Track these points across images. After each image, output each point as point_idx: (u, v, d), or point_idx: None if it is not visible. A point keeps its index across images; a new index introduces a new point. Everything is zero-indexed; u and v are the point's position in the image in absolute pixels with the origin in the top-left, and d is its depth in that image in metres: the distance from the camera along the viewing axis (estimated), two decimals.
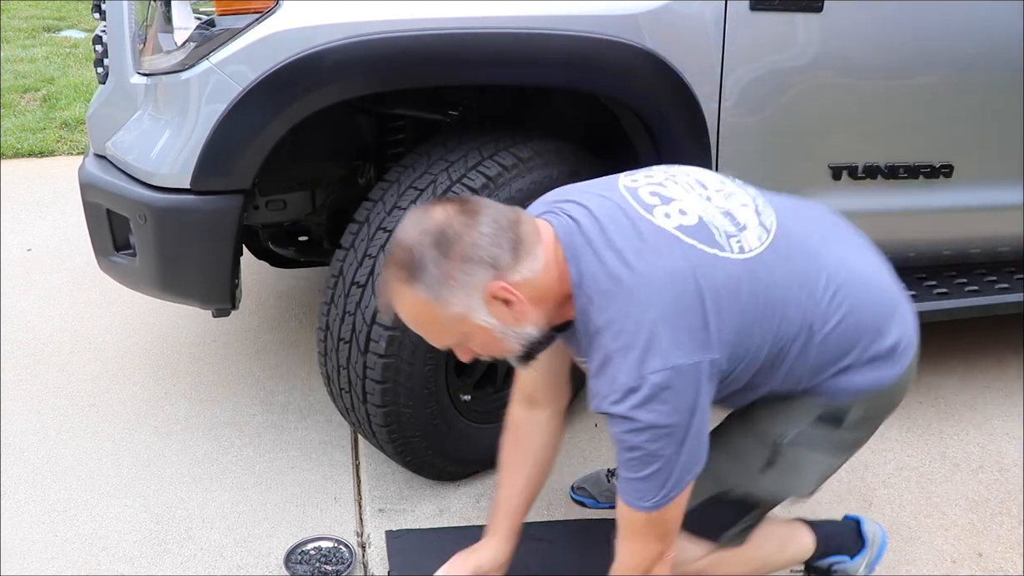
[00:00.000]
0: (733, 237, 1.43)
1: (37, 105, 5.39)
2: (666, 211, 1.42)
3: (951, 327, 2.93)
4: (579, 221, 1.40)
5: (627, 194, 1.45)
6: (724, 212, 1.46)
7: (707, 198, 1.47)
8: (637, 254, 1.36)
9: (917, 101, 2.24)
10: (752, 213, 1.48)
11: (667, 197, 1.45)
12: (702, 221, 1.42)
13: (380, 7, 1.81)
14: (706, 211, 1.44)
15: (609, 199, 1.44)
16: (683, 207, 1.44)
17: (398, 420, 2.02)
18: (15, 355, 2.82)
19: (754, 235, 1.45)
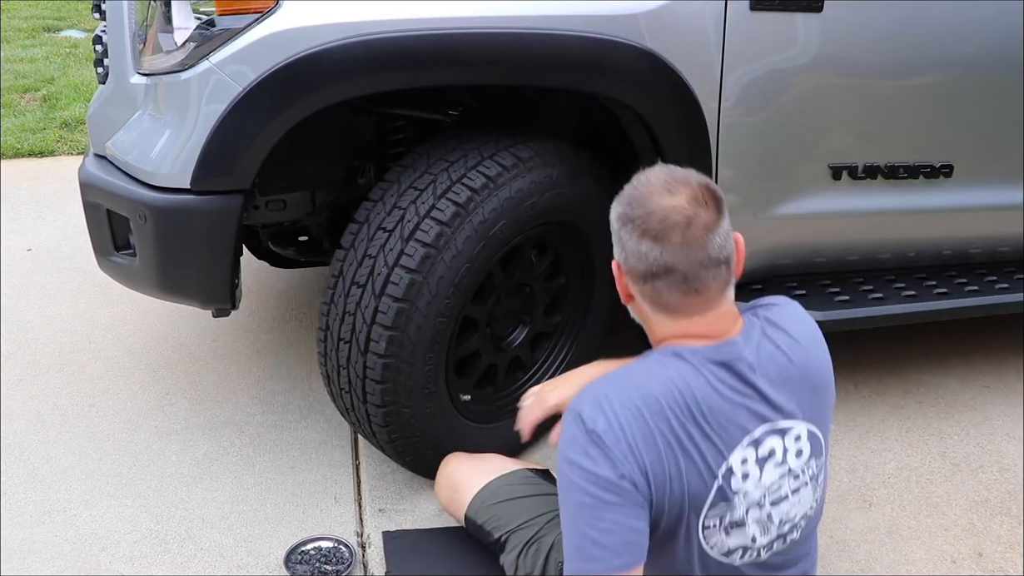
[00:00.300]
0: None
1: (37, 105, 5.39)
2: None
3: (951, 327, 2.94)
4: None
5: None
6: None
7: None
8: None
9: (917, 101, 2.24)
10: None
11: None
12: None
13: (380, 7, 1.81)
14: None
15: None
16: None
17: (398, 420, 2.02)
18: (15, 355, 2.82)
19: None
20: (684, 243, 1.33)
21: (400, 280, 1.90)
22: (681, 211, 1.34)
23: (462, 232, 1.92)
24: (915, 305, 2.41)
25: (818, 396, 1.44)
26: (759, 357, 1.39)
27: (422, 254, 1.90)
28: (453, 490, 1.99)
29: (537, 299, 2.26)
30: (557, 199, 2.06)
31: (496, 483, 1.93)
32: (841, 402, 2.64)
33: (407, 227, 1.93)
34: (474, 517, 1.91)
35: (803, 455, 1.43)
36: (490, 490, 1.92)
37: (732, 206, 2.19)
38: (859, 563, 2.04)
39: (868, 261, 2.50)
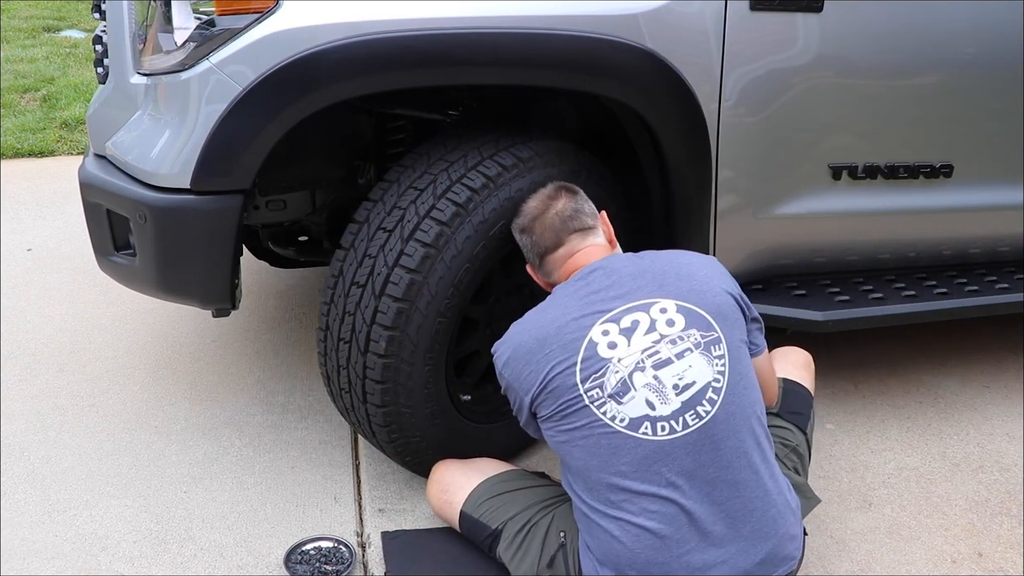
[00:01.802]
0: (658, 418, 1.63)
1: (37, 105, 5.39)
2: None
3: (951, 327, 2.94)
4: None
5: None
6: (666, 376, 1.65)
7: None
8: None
9: (917, 101, 2.24)
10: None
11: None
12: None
13: (380, 7, 1.81)
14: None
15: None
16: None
17: (398, 420, 2.02)
18: (15, 355, 2.82)
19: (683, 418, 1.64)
20: (543, 226, 1.89)
21: (400, 280, 1.90)
22: (537, 207, 1.92)
23: (462, 232, 1.92)
24: (915, 305, 2.41)
25: (684, 280, 1.73)
26: (615, 264, 1.79)
27: (422, 254, 1.90)
28: (444, 491, 2.01)
29: (537, 299, 2.26)
30: None
31: (491, 480, 1.96)
32: (841, 402, 2.64)
33: (407, 227, 1.93)
34: (470, 512, 1.93)
35: (676, 324, 1.68)
36: (485, 486, 1.95)
37: (732, 206, 2.22)
38: (859, 563, 2.04)
39: (868, 261, 2.50)
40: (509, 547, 1.84)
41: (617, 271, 1.77)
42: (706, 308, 1.70)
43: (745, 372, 1.70)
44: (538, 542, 1.80)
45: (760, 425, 1.69)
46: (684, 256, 1.83)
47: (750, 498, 1.62)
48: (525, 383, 1.72)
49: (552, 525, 1.80)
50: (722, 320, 1.70)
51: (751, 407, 1.68)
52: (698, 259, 1.82)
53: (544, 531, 1.81)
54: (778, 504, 1.65)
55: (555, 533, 1.79)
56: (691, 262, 1.80)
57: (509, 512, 1.87)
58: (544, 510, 1.84)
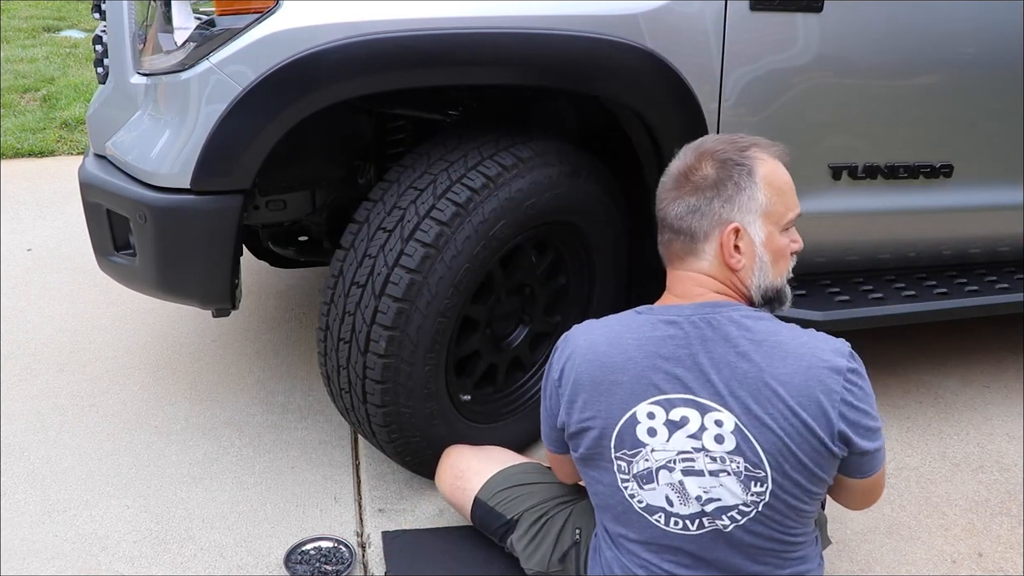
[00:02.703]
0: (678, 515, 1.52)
1: (37, 105, 5.39)
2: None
3: (951, 327, 2.94)
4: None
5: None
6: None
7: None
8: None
9: (917, 101, 2.24)
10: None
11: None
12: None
13: (380, 7, 1.81)
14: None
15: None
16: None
17: (398, 420, 2.02)
18: (15, 355, 2.82)
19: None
20: (660, 199, 1.59)
21: (400, 280, 1.90)
22: (670, 173, 1.59)
23: (462, 232, 1.92)
24: (915, 305, 2.41)
25: (762, 403, 1.44)
26: (700, 335, 1.49)
27: (422, 254, 1.90)
28: (457, 477, 2.00)
29: (537, 299, 2.27)
30: (557, 199, 2.06)
31: (510, 470, 1.95)
32: None
33: (407, 227, 1.93)
34: (485, 500, 1.92)
35: (724, 443, 1.46)
36: (503, 476, 1.94)
37: None
38: (859, 563, 2.04)
39: (868, 261, 2.50)
40: (523, 537, 1.83)
41: (697, 347, 1.49)
42: (767, 446, 1.44)
43: (785, 508, 1.48)
44: (552, 536, 1.80)
45: (790, 546, 1.53)
46: (787, 364, 1.45)
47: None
48: (564, 406, 1.59)
49: (569, 521, 1.80)
50: (778, 465, 1.45)
51: (780, 534, 1.51)
52: (805, 361, 1.45)
53: (560, 526, 1.80)
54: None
55: (571, 529, 1.78)
56: (788, 380, 1.44)
57: (526, 503, 1.87)
58: (561, 505, 1.84)
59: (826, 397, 1.43)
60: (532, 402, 2.32)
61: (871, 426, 1.47)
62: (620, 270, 2.34)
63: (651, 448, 1.50)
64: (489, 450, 2.06)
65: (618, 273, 2.34)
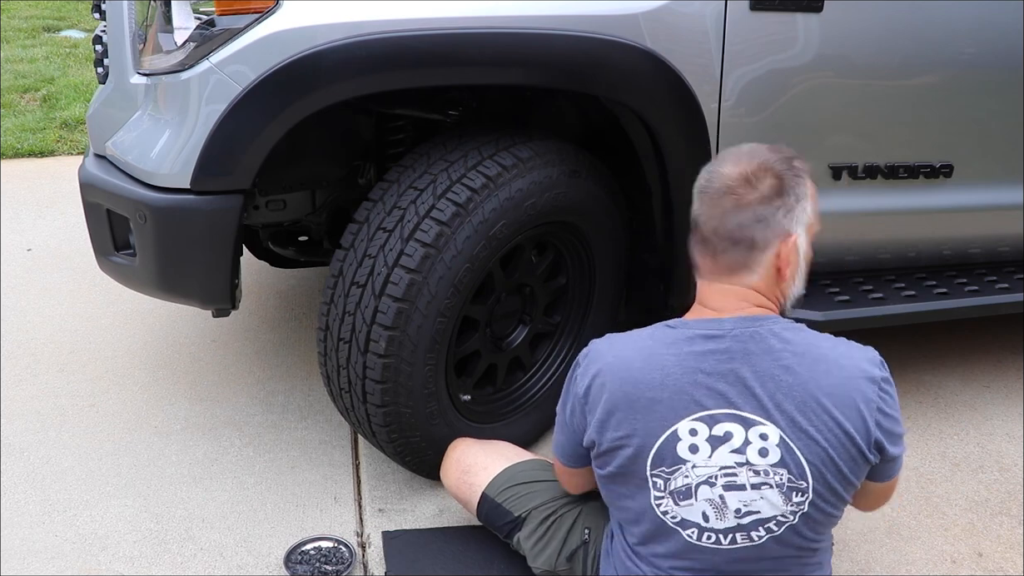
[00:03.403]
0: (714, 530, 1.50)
1: (37, 105, 5.39)
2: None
3: (951, 327, 2.94)
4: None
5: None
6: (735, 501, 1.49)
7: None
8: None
9: (917, 101, 2.24)
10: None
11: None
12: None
13: (380, 7, 1.81)
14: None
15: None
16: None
17: (398, 420, 2.02)
18: (15, 355, 2.82)
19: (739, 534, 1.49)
20: (712, 206, 1.50)
21: (400, 280, 1.90)
22: (725, 180, 1.50)
23: (462, 232, 1.92)
24: (915, 305, 2.41)
25: (806, 415, 1.45)
26: (743, 349, 1.47)
27: (422, 254, 1.90)
28: (465, 472, 1.98)
29: (537, 299, 2.27)
30: (557, 199, 2.06)
31: (518, 466, 1.94)
32: None
33: (407, 227, 1.93)
34: (493, 496, 1.90)
35: (768, 456, 1.46)
36: (512, 472, 1.93)
37: None
38: (859, 563, 2.04)
39: (868, 261, 2.50)
40: (531, 535, 1.82)
41: (742, 357, 1.48)
42: (811, 457, 1.45)
43: (822, 517, 1.51)
44: (561, 535, 1.79)
45: (811, 552, 1.55)
46: (830, 375, 1.47)
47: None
48: (594, 425, 1.55)
49: (578, 520, 1.79)
50: (820, 474, 1.46)
51: (808, 542, 1.53)
52: (846, 372, 1.47)
53: (569, 525, 1.79)
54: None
55: (580, 529, 1.77)
56: (833, 384, 1.46)
57: (535, 501, 1.85)
58: (571, 504, 1.82)
59: (865, 406, 1.46)
60: (532, 402, 2.32)
61: (899, 432, 1.52)
62: (620, 270, 2.34)
63: (692, 464, 1.48)
64: (496, 444, 2.06)
65: (618, 273, 2.34)
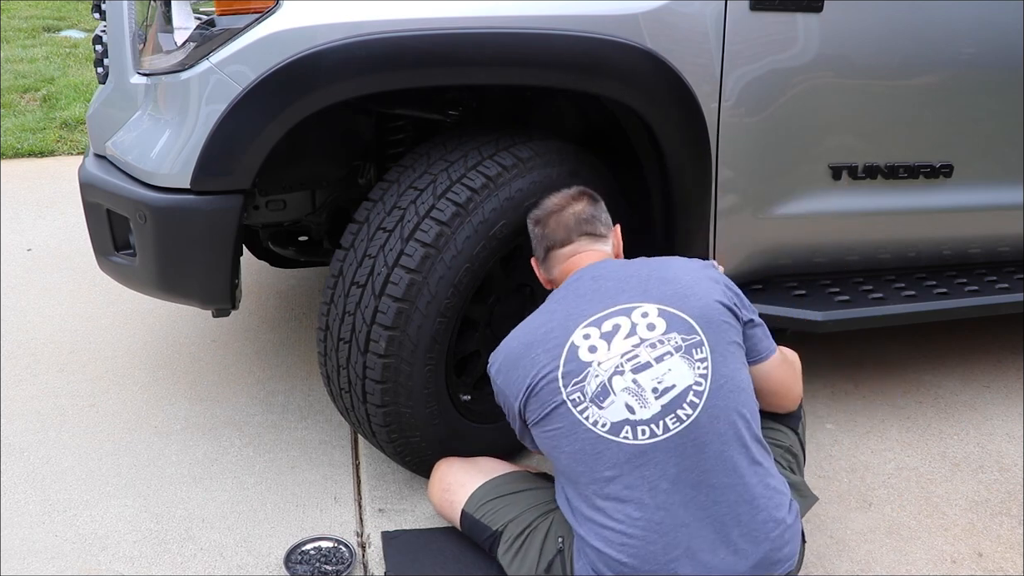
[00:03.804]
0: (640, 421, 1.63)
1: (37, 105, 5.39)
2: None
3: (951, 327, 2.94)
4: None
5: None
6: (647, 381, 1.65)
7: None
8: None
9: (917, 101, 2.24)
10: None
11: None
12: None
13: (380, 7, 1.81)
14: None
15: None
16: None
17: (398, 420, 2.02)
18: (15, 355, 2.82)
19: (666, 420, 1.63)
20: (557, 222, 1.92)
21: (400, 280, 1.90)
22: (556, 204, 1.94)
23: (462, 232, 1.92)
24: (915, 305, 2.41)
25: (668, 285, 1.73)
26: (602, 270, 1.81)
27: (422, 254, 1.90)
28: (445, 491, 2.01)
29: (537, 299, 2.26)
30: None
31: (494, 480, 1.96)
32: (841, 402, 2.64)
33: (407, 227, 1.93)
34: (471, 512, 1.93)
35: (656, 328, 1.68)
36: (488, 487, 1.94)
37: (732, 206, 2.22)
38: (859, 563, 2.04)
39: (868, 261, 2.50)
40: (508, 550, 1.84)
41: (603, 276, 1.79)
42: (688, 312, 1.69)
43: (732, 375, 1.68)
44: (536, 546, 1.80)
45: (747, 428, 1.67)
46: (673, 262, 1.83)
47: (737, 502, 1.61)
48: (513, 388, 1.74)
49: (551, 530, 1.80)
50: (706, 323, 1.68)
51: (737, 410, 1.66)
52: (686, 264, 1.82)
53: (543, 535, 1.80)
54: (769, 507, 1.63)
55: (553, 538, 1.78)
56: (678, 267, 1.80)
57: (510, 514, 1.87)
58: (544, 514, 1.84)
59: (713, 280, 1.77)
60: None
61: (750, 304, 1.82)
62: None
63: (597, 362, 1.66)
64: (476, 461, 2.06)
65: None
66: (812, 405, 2.58)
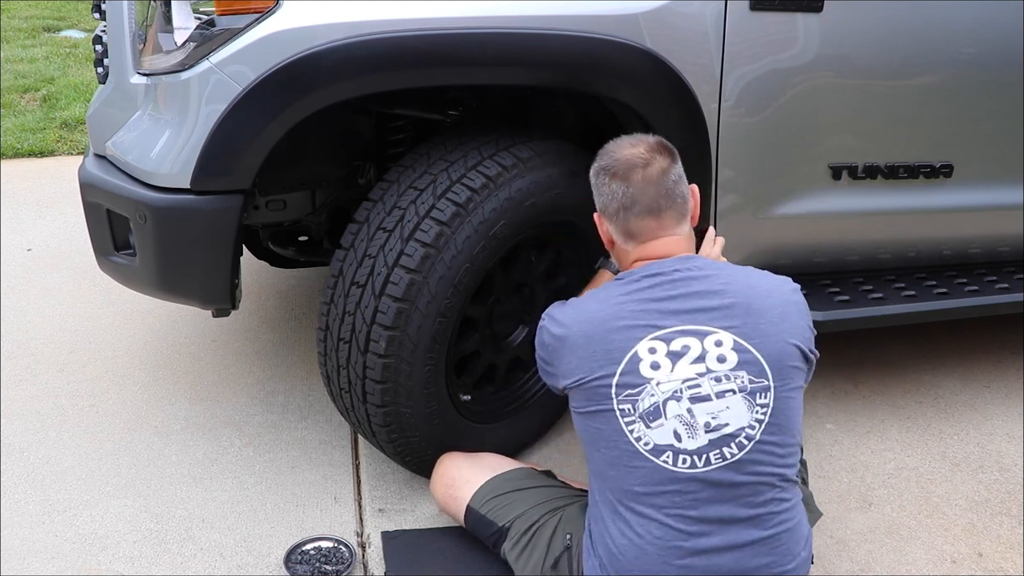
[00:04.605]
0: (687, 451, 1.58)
1: (37, 105, 5.39)
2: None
3: (951, 327, 2.94)
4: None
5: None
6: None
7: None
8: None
9: (917, 101, 2.24)
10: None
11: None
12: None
13: (380, 7, 1.81)
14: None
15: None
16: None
17: (398, 420, 2.02)
18: (15, 355, 2.82)
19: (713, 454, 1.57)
20: (644, 179, 1.71)
21: (400, 280, 1.90)
22: (640, 156, 1.72)
23: (462, 232, 1.92)
24: (915, 305, 2.41)
25: (752, 316, 1.62)
26: (686, 274, 1.67)
27: (422, 254, 1.90)
28: (449, 486, 2.00)
29: (537, 299, 2.26)
30: (557, 199, 2.06)
31: (501, 477, 1.95)
32: (841, 402, 2.64)
33: (407, 227, 1.93)
34: (477, 508, 1.92)
35: (727, 361, 1.59)
36: (494, 483, 1.94)
37: (732, 206, 2.22)
38: (859, 563, 2.04)
39: (868, 261, 2.50)
40: (515, 546, 1.83)
41: (685, 284, 1.66)
42: (765, 354, 1.60)
43: (787, 423, 1.60)
44: (544, 543, 1.79)
45: (786, 474, 1.62)
46: (762, 284, 1.69)
47: (762, 537, 1.58)
48: (562, 369, 1.69)
49: (559, 527, 1.80)
50: (778, 369, 1.60)
51: (783, 457, 1.61)
52: (776, 292, 1.68)
53: (551, 532, 1.80)
54: (790, 541, 1.61)
55: (561, 535, 1.78)
56: (768, 295, 1.66)
57: (517, 510, 1.87)
58: (552, 511, 1.84)
59: (797, 310, 1.68)
60: (532, 402, 2.32)
61: (816, 337, 1.73)
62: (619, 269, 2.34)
63: (656, 382, 1.58)
64: (480, 457, 2.06)
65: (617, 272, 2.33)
66: (812, 405, 2.58)
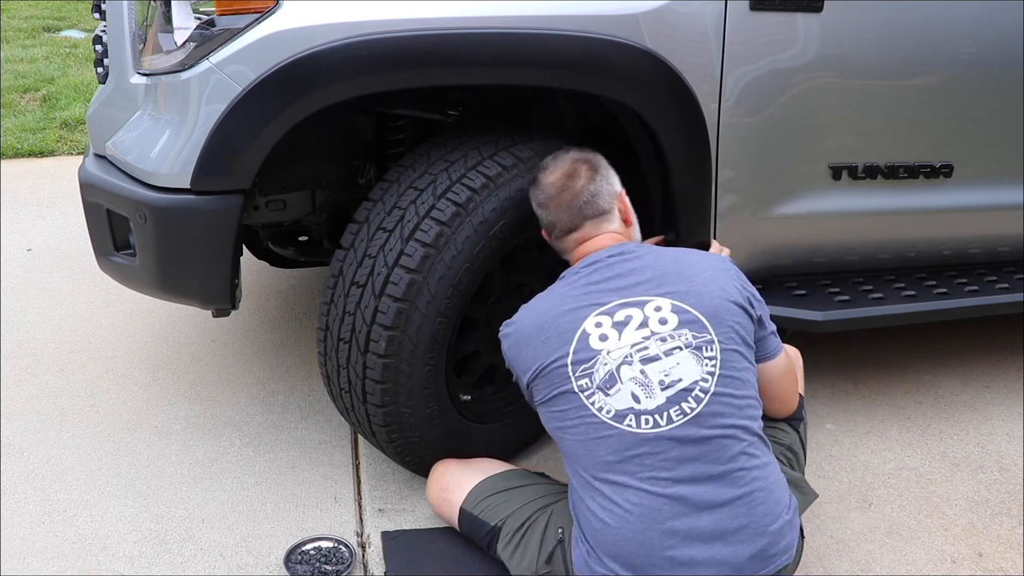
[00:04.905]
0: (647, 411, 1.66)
1: (37, 105, 5.40)
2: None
3: (951, 327, 2.94)
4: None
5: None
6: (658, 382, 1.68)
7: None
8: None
9: (917, 101, 2.24)
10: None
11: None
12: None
13: (380, 7, 1.81)
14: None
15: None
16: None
17: (398, 420, 2.02)
18: (15, 355, 2.82)
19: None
20: (558, 205, 1.90)
21: (400, 280, 1.90)
22: (554, 185, 1.91)
23: (462, 232, 1.92)
24: (915, 305, 2.41)
25: (684, 281, 1.75)
26: (619, 258, 1.81)
27: (422, 254, 1.90)
28: (443, 490, 2.01)
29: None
30: None
31: (491, 478, 1.97)
32: (841, 402, 2.64)
33: (407, 227, 1.93)
34: (469, 510, 1.94)
35: (668, 323, 1.71)
36: (485, 484, 1.95)
37: (732, 206, 2.22)
38: (859, 563, 2.04)
39: (868, 261, 2.50)
40: (508, 545, 1.84)
41: (619, 265, 1.80)
42: (702, 310, 1.72)
43: (738, 375, 1.71)
44: (536, 539, 1.80)
45: (749, 424, 1.69)
46: (690, 256, 1.84)
47: (737, 495, 1.62)
48: (522, 365, 1.79)
49: (550, 522, 1.81)
50: (718, 323, 1.71)
51: (740, 407, 1.68)
52: (705, 259, 1.83)
53: (543, 528, 1.81)
54: (767, 502, 1.64)
55: (553, 529, 1.79)
56: (696, 263, 1.81)
57: (508, 509, 1.88)
58: (543, 508, 1.85)
59: (728, 275, 1.80)
60: None
61: (762, 300, 1.84)
62: None
63: (607, 351, 1.70)
64: (473, 462, 2.07)
65: None
66: (812, 405, 2.58)
